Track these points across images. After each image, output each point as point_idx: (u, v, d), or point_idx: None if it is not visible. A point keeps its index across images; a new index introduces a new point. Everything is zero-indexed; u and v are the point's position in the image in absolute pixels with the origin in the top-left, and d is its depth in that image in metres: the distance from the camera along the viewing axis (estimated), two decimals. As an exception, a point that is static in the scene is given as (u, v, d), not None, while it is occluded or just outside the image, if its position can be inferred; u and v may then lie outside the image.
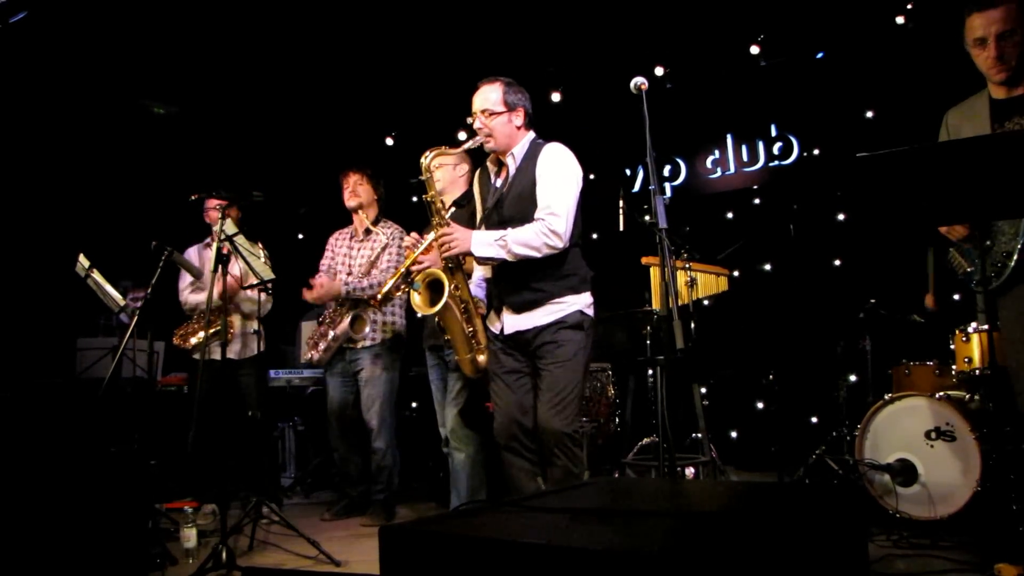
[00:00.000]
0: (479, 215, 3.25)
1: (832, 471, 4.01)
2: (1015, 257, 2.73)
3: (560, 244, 2.93)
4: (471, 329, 3.15)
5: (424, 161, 3.13)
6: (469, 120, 3.16)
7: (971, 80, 2.91)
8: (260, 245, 4.57)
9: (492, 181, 3.20)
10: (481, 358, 3.16)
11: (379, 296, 3.70)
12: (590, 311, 3.05)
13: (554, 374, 2.94)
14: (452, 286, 3.08)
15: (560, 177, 2.99)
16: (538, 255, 2.92)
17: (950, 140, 2.87)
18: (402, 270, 3.73)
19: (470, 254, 3.00)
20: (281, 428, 5.99)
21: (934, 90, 3.14)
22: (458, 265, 3.13)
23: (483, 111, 3.07)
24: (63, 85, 5.68)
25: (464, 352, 3.15)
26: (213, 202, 4.60)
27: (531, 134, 3.16)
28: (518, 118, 3.10)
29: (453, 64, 5.99)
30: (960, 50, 2.84)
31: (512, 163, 3.11)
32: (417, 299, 3.15)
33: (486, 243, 2.94)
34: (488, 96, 3.08)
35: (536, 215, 2.95)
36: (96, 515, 3.09)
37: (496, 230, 3.00)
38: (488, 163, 3.24)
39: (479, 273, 3.37)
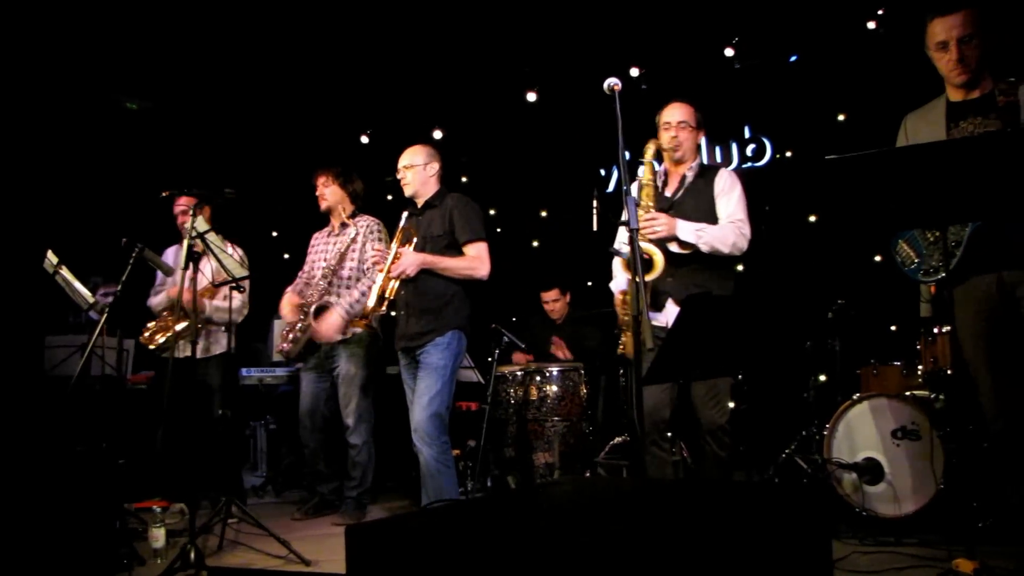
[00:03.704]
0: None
1: (801, 470, 4.05)
2: (963, 246, 2.79)
3: (746, 247, 3.31)
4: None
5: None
6: (665, 132, 3.40)
7: (940, 85, 2.97)
8: (233, 245, 4.53)
9: (660, 189, 3.45)
10: (649, 343, 3.23)
11: (369, 316, 3.79)
12: None
13: None
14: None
15: (741, 196, 3.38)
16: (725, 251, 3.26)
17: (919, 143, 2.91)
18: (375, 289, 3.74)
19: (675, 238, 3.26)
20: (253, 427, 5.94)
21: (905, 94, 3.20)
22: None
23: (679, 123, 3.39)
24: (35, 79, 5.60)
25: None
26: (182, 201, 4.54)
27: (699, 155, 3.56)
28: (700, 137, 3.50)
29: (428, 63, 6.01)
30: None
31: (689, 175, 3.43)
32: (620, 266, 3.34)
33: (688, 231, 3.26)
34: (686, 112, 3.42)
35: (727, 221, 3.31)
36: (63, 515, 3.05)
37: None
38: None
39: None
